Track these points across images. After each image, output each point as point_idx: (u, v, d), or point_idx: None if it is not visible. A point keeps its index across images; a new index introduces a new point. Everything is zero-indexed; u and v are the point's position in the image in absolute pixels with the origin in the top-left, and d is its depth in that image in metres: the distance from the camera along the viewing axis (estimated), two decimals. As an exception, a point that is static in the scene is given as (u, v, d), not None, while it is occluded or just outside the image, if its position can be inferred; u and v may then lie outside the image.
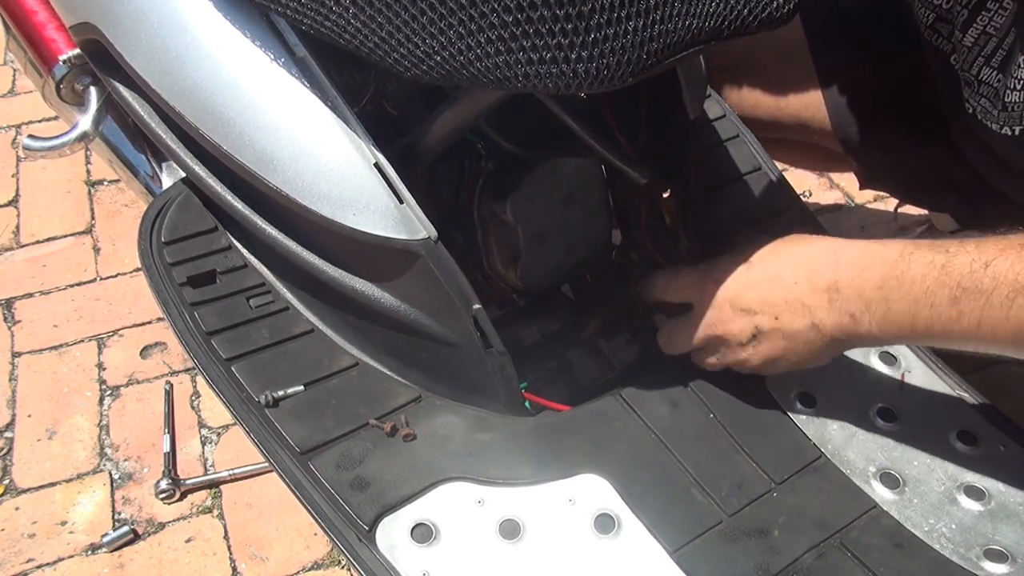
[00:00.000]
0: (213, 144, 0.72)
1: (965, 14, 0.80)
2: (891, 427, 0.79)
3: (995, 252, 0.61)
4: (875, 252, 0.68)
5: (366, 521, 0.67)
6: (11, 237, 1.54)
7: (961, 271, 0.62)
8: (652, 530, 0.69)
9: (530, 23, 0.57)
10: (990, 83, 0.80)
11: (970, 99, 0.83)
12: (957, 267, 0.63)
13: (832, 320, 0.69)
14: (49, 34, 0.91)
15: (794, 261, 0.71)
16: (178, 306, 0.75)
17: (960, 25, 0.81)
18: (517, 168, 0.81)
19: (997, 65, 0.78)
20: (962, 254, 0.63)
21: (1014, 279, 0.60)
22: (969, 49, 0.80)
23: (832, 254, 0.70)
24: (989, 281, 0.61)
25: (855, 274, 0.68)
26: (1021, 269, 0.60)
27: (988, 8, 0.77)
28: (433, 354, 0.75)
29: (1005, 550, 0.71)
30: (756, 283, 0.72)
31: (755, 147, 0.96)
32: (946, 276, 0.63)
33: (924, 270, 0.64)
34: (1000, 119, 0.80)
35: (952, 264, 0.63)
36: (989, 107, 0.81)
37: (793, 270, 0.71)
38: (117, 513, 1.17)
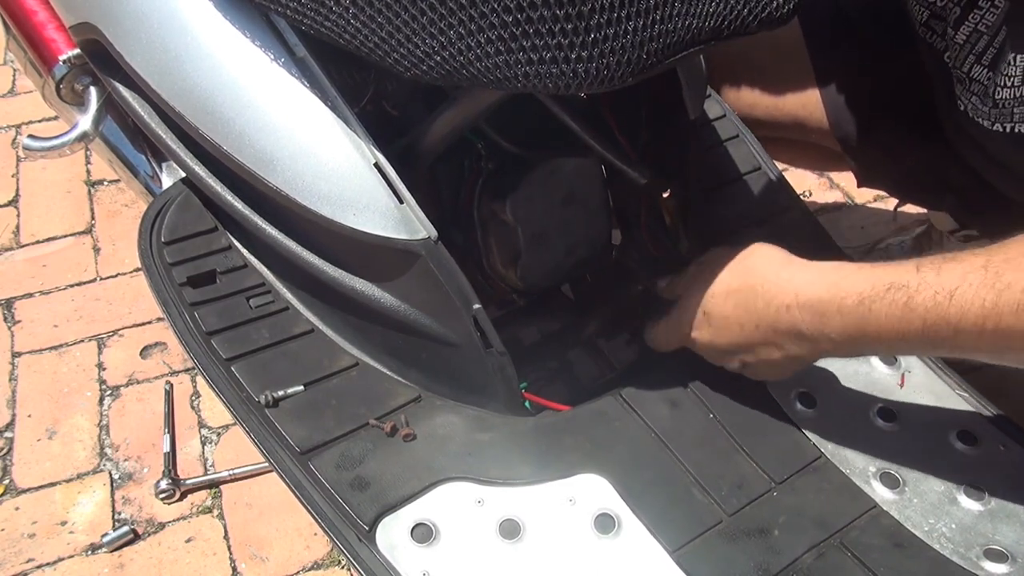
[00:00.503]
0: (213, 144, 0.72)
1: (957, 11, 0.80)
2: (891, 427, 0.79)
3: (958, 278, 0.60)
4: (830, 296, 0.66)
5: (366, 521, 0.67)
6: (11, 237, 1.54)
7: (925, 306, 0.61)
8: (652, 530, 0.69)
9: (530, 23, 0.57)
10: (980, 80, 0.80)
11: (961, 96, 0.84)
12: (920, 303, 0.61)
13: (805, 351, 0.71)
14: (49, 34, 0.91)
15: (747, 310, 0.72)
16: (178, 306, 0.75)
17: (952, 23, 0.81)
18: (517, 168, 0.81)
19: (988, 63, 0.78)
20: (924, 288, 0.61)
21: (980, 306, 0.59)
22: (961, 47, 0.80)
23: (782, 299, 0.69)
24: (956, 312, 0.60)
25: (814, 320, 0.68)
26: (986, 295, 0.58)
27: (980, 6, 0.77)
28: (433, 354, 0.75)
29: (1005, 550, 0.71)
30: (721, 332, 0.74)
31: (755, 147, 0.96)
32: (910, 313, 0.62)
33: (887, 311, 0.63)
34: (991, 116, 0.80)
35: (915, 301, 0.62)
36: (979, 104, 0.81)
37: (750, 318, 0.71)
38: (117, 513, 1.17)
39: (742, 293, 0.72)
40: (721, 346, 0.75)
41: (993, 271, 0.59)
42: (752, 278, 0.72)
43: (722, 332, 0.74)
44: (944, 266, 0.61)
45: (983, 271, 0.59)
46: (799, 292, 0.68)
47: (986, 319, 0.59)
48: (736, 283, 0.72)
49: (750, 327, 0.71)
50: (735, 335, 0.73)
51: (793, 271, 0.70)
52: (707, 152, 0.95)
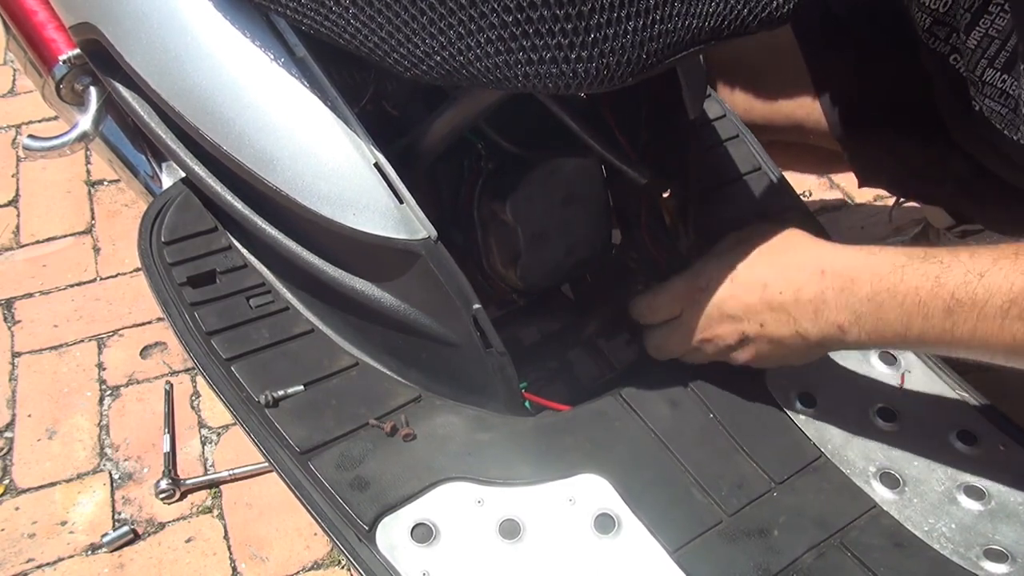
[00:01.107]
0: (213, 144, 0.72)
1: (968, 17, 0.80)
2: (891, 427, 0.79)
3: (989, 262, 0.61)
4: (864, 263, 0.67)
5: (366, 521, 0.67)
6: (11, 237, 1.54)
7: (955, 282, 0.62)
8: (652, 530, 0.69)
9: (530, 23, 0.57)
10: (994, 84, 0.80)
11: (976, 98, 0.84)
12: (951, 278, 0.62)
13: (817, 329, 0.70)
14: (49, 34, 0.91)
15: (779, 270, 0.71)
16: (178, 306, 0.75)
17: (963, 28, 0.81)
18: (517, 168, 0.81)
19: (1001, 67, 0.79)
20: (956, 265, 0.62)
21: (1008, 289, 0.60)
22: (972, 51, 0.81)
23: (817, 264, 0.70)
24: (983, 292, 0.61)
25: (842, 285, 0.68)
26: (1016, 279, 0.60)
27: (990, 12, 0.78)
28: (433, 354, 0.75)
29: (1005, 550, 0.71)
30: (741, 291, 0.73)
31: (755, 147, 0.96)
32: (940, 288, 0.63)
33: (918, 282, 0.64)
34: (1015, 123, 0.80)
35: (946, 276, 0.63)
36: (997, 107, 0.81)
37: (778, 279, 0.71)
38: (117, 513, 1.17)
39: (781, 254, 0.72)
40: (732, 308, 0.73)
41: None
42: (792, 243, 0.72)
43: (742, 292, 0.72)
44: (977, 251, 0.62)
45: (1014, 258, 0.60)
46: (835, 260, 0.69)
47: (1013, 303, 0.59)
48: (778, 245, 0.73)
49: (774, 289, 0.71)
50: (754, 296, 0.72)
51: (832, 246, 0.71)
52: (707, 152, 0.95)
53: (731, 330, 0.74)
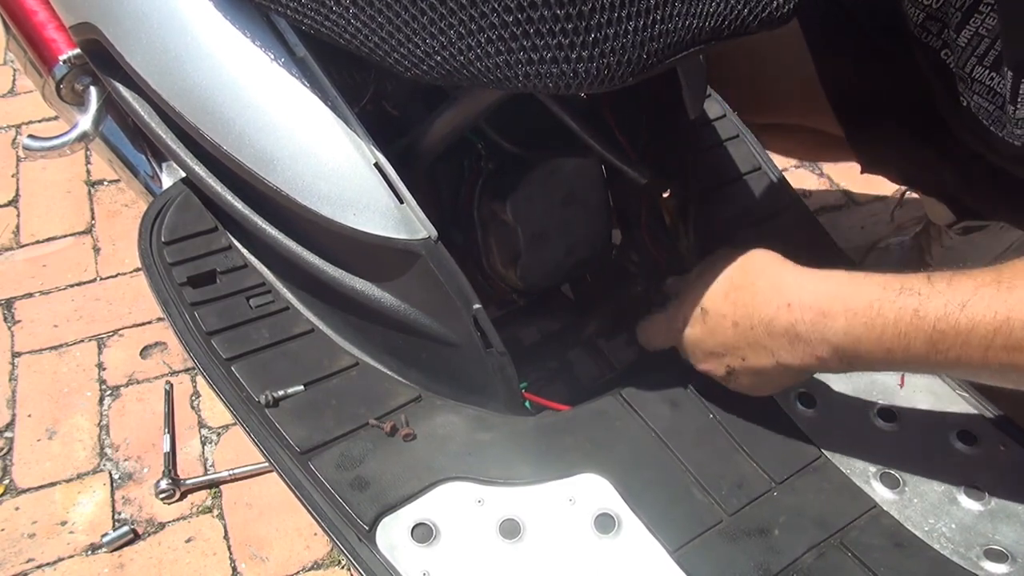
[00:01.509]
0: (213, 144, 0.72)
1: (959, 16, 0.80)
2: (891, 427, 0.79)
3: (970, 291, 0.60)
4: (834, 295, 0.66)
5: (366, 521, 0.67)
6: (11, 237, 1.54)
7: (936, 314, 0.60)
8: (652, 530, 0.69)
9: (530, 23, 0.57)
10: (983, 81, 0.81)
11: (964, 94, 0.84)
12: (931, 310, 0.61)
13: (797, 360, 0.69)
14: (49, 34, 0.91)
15: (744, 306, 0.70)
16: (178, 306, 0.75)
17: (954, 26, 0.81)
18: (517, 168, 0.81)
19: (989, 64, 0.79)
20: (935, 296, 0.61)
21: (992, 318, 0.58)
22: (963, 49, 0.81)
23: (783, 297, 0.68)
24: (966, 322, 0.59)
25: (814, 319, 0.66)
26: (998, 307, 0.58)
27: (980, 11, 0.78)
28: (433, 354, 0.75)
29: (1005, 550, 0.71)
30: (715, 330, 0.73)
31: (755, 147, 0.96)
32: (920, 320, 0.61)
33: (896, 315, 0.62)
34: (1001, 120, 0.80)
35: (925, 308, 0.61)
36: (985, 104, 0.82)
37: (747, 314, 0.70)
38: (117, 513, 1.17)
39: (743, 290, 0.71)
40: (711, 346, 0.73)
41: (1006, 286, 0.58)
42: (753, 276, 0.71)
43: (715, 330, 0.72)
44: (955, 279, 0.61)
45: (996, 285, 0.59)
46: (802, 292, 0.67)
47: (996, 332, 0.58)
48: (737, 280, 0.72)
49: (745, 326, 0.70)
50: (728, 334, 0.71)
51: (796, 274, 0.69)
52: (707, 152, 0.95)
53: (717, 364, 0.74)
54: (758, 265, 0.72)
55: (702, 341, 0.74)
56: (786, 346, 0.68)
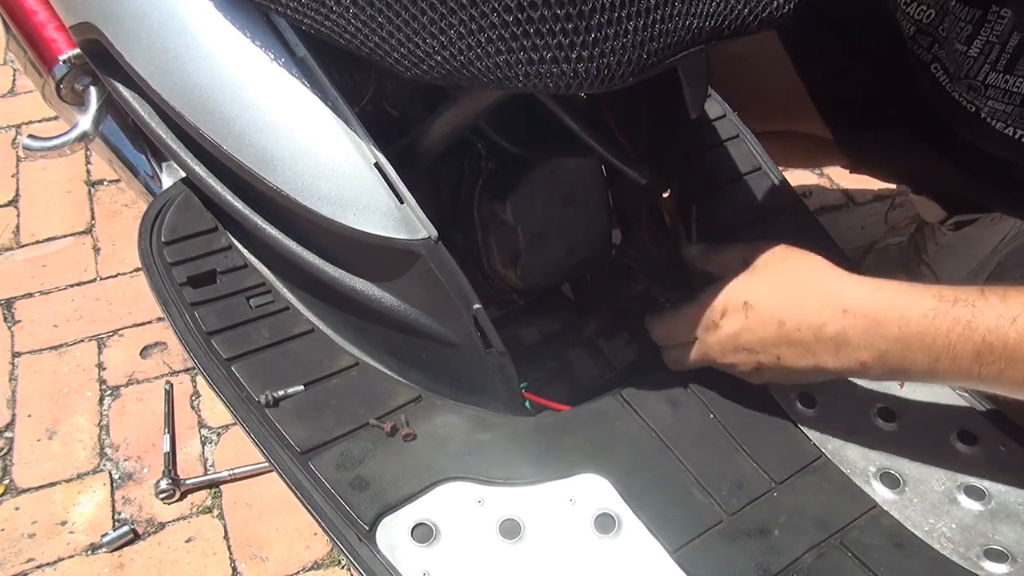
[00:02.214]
0: (213, 144, 0.72)
1: (969, 28, 0.82)
2: (891, 427, 0.79)
3: (1020, 306, 0.61)
4: (891, 304, 0.66)
5: (366, 521, 0.67)
6: (11, 237, 1.54)
7: (987, 326, 0.62)
8: (652, 530, 0.69)
9: (531, 23, 0.57)
10: (998, 86, 0.82)
11: (975, 102, 0.85)
12: (983, 322, 0.62)
13: (837, 364, 0.69)
14: (49, 34, 0.91)
15: (797, 306, 0.70)
16: (178, 306, 0.75)
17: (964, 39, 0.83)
18: (517, 168, 0.81)
19: (1003, 68, 0.81)
20: (988, 309, 0.62)
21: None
22: (975, 59, 0.83)
23: (839, 301, 0.68)
24: (1016, 336, 0.61)
25: (867, 325, 0.66)
26: None
27: (989, 20, 0.80)
28: (433, 354, 0.75)
29: (1005, 550, 0.71)
30: (757, 325, 0.71)
31: (755, 147, 0.96)
32: (971, 332, 0.62)
33: (949, 326, 0.63)
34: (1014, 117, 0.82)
35: (978, 320, 0.62)
36: (1001, 107, 0.83)
37: (796, 316, 0.69)
38: (117, 513, 1.17)
39: (795, 290, 0.70)
40: (747, 340, 0.72)
41: None
42: (807, 276, 0.70)
43: (759, 325, 0.71)
44: (1009, 294, 0.62)
45: None
46: (859, 300, 0.67)
47: None
48: (792, 278, 0.71)
49: (792, 326, 0.69)
50: (771, 331, 0.70)
51: (852, 281, 0.69)
52: (707, 152, 0.95)
53: (746, 359, 0.73)
54: (810, 265, 0.72)
55: (738, 335, 0.72)
56: (831, 350, 0.69)
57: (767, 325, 0.71)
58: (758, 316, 0.71)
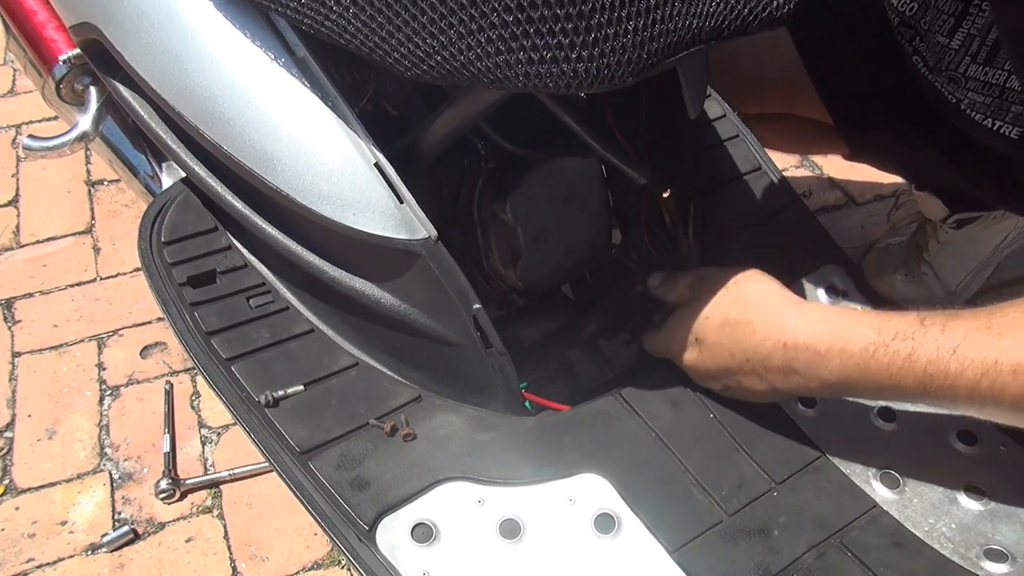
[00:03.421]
0: (213, 144, 0.72)
1: (952, 21, 0.84)
2: (891, 427, 0.79)
3: (961, 336, 0.62)
4: (832, 338, 0.68)
5: (366, 521, 0.67)
6: (11, 237, 1.54)
7: (928, 358, 0.63)
8: (652, 530, 0.69)
9: (530, 23, 0.57)
10: (977, 77, 0.84)
11: (955, 93, 0.87)
12: (923, 355, 0.63)
13: (790, 388, 0.72)
14: (49, 34, 0.91)
15: (740, 342, 0.72)
16: (178, 306, 0.75)
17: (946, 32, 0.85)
18: (517, 168, 0.81)
19: (982, 60, 0.83)
20: (928, 342, 0.63)
21: (981, 362, 0.61)
22: (956, 51, 0.85)
23: (779, 336, 0.70)
24: (956, 366, 0.62)
25: (809, 361, 0.69)
26: (987, 352, 0.61)
27: (971, 13, 0.82)
28: (433, 354, 0.75)
29: (1005, 550, 0.71)
30: (710, 357, 0.75)
31: (755, 147, 0.96)
32: (912, 364, 0.64)
33: (890, 359, 0.65)
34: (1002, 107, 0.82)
35: (918, 353, 0.64)
36: (980, 98, 0.85)
37: (743, 349, 0.72)
38: (117, 513, 1.17)
39: (738, 326, 0.73)
40: (707, 369, 0.76)
41: (995, 332, 0.61)
42: (749, 312, 0.72)
43: (710, 357, 0.75)
44: (948, 324, 0.63)
45: (986, 331, 0.62)
46: (799, 332, 0.69)
47: (984, 375, 0.61)
48: (732, 314, 0.73)
49: (740, 358, 0.73)
50: (723, 361, 0.74)
51: (793, 311, 0.71)
52: (707, 152, 0.95)
53: (714, 383, 0.77)
54: (753, 297, 0.73)
55: (698, 364, 0.76)
56: (781, 378, 0.71)
57: (719, 357, 0.74)
58: (708, 350, 0.75)
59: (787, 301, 0.72)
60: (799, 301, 0.72)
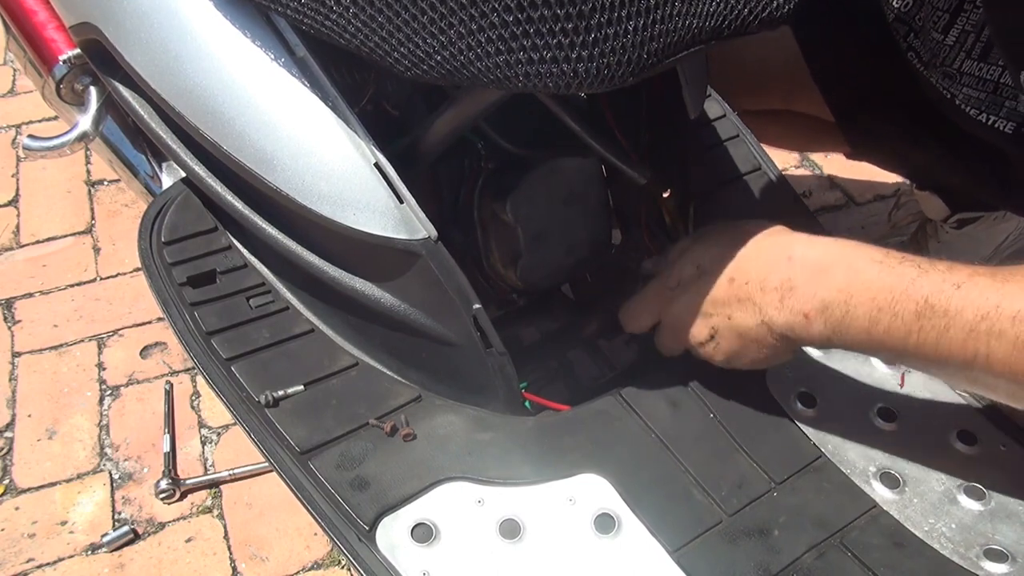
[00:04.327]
0: (213, 144, 0.72)
1: (946, 17, 0.84)
2: (891, 427, 0.79)
3: (966, 276, 0.61)
4: (838, 254, 0.67)
5: (366, 521, 0.67)
6: (11, 237, 1.54)
7: (931, 288, 0.62)
8: (652, 530, 0.69)
9: (530, 23, 0.57)
10: (972, 73, 0.84)
11: (950, 89, 0.87)
12: (927, 283, 0.62)
13: (783, 318, 0.69)
14: (49, 34, 0.91)
15: (745, 260, 0.71)
16: (178, 306, 0.75)
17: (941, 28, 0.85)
18: (517, 168, 0.81)
19: (977, 56, 0.83)
20: (933, 272, 0.63)
21: (983, 303, 0.60)
22: (951, 47, 0.84)
23: (785, 251, 0.69)
24: (958, 302, 0.61)
25: (812, 275, 0.67)
26: (991, 295, 0.60)
27: (965, 9, 0.82)
28: (433, 354, 0.75)
29: (1005, 550, 0.71)
30: (708, 286, 0.73)
31: (755, 147, 0.96)
32: (914, 290, 0.62)
33: (893, 280, 0.63)
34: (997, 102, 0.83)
35: (922, 280, 0.62)
36: (975, 94, 0.84)
37: (744, 270, 0.71)
38: (117, 513, 1.17)
39: (743, 248, 0.71)
40: (699, 304, 0.73)
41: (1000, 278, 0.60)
42: (758, 237, 0.72)
43: (708, 287, 0.72)
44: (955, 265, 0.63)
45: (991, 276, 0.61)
46: (804, 248, 0.68)
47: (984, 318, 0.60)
48: (743, 238, 0.72)
49: (740, 281, 0.70)
50: (721, 290, 0.71)
51: (800, 236, 0.70)
52: (707, 152, 0.95)
53: (702, 326, 0.74)
54: (761, 225, 0.73)
55: (692, 301, 0.73)
56: (776, 303, 0.69)
57: (718, 284, 0.72)
58: (709, 277, 0.72)
59: (785, 229, 0.72)
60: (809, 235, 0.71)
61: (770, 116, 1.11)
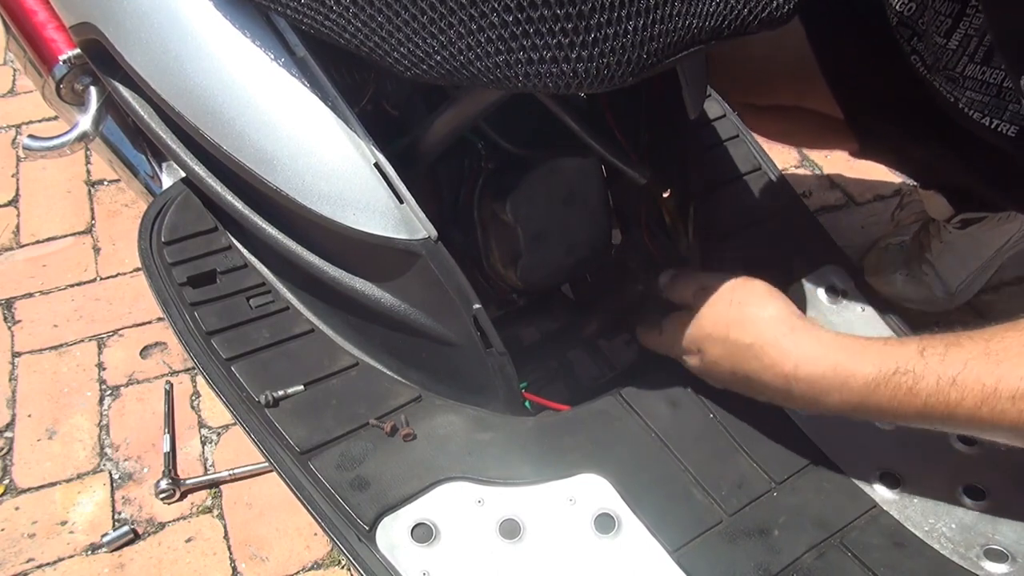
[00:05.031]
0: (213, 144, 0.72)
1: (949, 22, 0.85)
2: (891, 427, 0.79)
3: (960, 365, 0.63)
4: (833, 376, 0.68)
5: (366, 521, 0.67)
6: (11, 237, 1.54)
7: (928, 391, 0.64)
8: (652, 530, 0.69)
9: (530, 23, 0.57)
10: (975, 77, 0.85)
11: (953, 92, 0.87)
12: (924, 388, 0.64)
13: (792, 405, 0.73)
14: (49, 34, 0.91)
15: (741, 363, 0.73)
16: (178, 306, 0.75)
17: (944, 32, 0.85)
18: (517, 168, 0.81)
19: (980, 60, 0.84)
20: (928, 373, 0.64)
21: (980, 389, 0.62)
22: (954, 51, 0.85)
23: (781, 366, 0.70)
24: (956, 395, 0.63)
25: (811, 392, 0.70)
26: (986, 379, 0.62)
27: (967, 13, 0.83)
28: (433, 354, 0.75)
29: (1005, 550, 0.71)
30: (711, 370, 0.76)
31: (755, 147, 0.96)
32: (912, 397, 0.65)
33: (891, 394, 0.66)
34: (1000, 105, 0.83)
35: (919, 386, 0.65)
36: (978, 97, 0.85)
37: (743, 372, 0.73)
38: (117, 513, 1.17)
39: (740, 349, 0.73)
40: (708, 376, 0.77)
41: (994, 359, 0.62)
42: (752, 336, 0.72)
43: (712, 367, 0.75)
44: (948, 352, 0.64)
45: (985, 358, 0.63)
46: (799, 365, 0.70)
47: (983, 403, 0.62)
48: (734, 334, 0.73)
49: (741, 377, 0.73)
50: (724, 377, 0.75)
51: (796, 340, 0.71)
52: (707, 152, 0.95)
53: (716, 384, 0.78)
54: (757, 321, 0.73)
55: (699, 370, 0.77)
56: (780, 400, 0.73)
57: (720, 372, 0.75)
58: (709, 362, 0.76)
59: (790, 329, 0.71)
60: (802, 327, 0.72)
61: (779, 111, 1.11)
